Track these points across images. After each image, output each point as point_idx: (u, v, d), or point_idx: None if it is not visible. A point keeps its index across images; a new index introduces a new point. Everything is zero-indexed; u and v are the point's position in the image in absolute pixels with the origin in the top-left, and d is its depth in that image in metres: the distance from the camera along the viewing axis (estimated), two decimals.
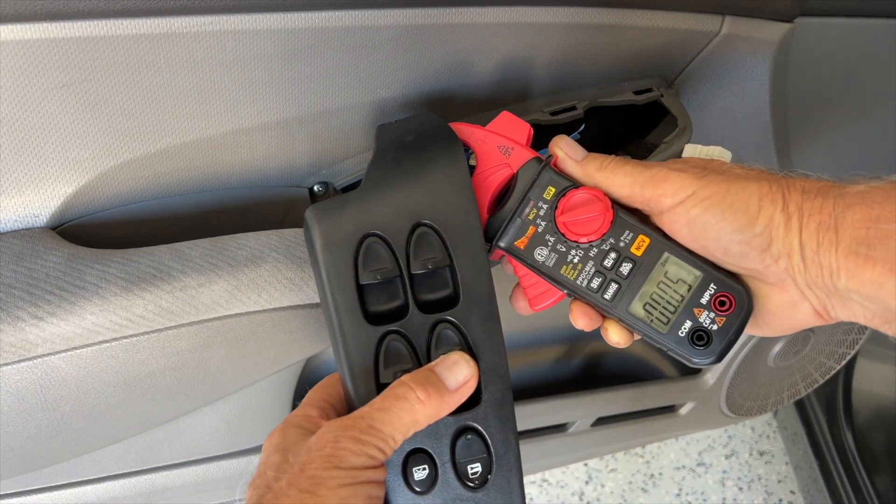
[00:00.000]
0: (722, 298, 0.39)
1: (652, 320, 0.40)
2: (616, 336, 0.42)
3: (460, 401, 0.39)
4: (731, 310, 0.39)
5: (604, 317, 0.42)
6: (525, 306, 0.44)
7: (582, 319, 0.42)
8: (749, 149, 0.66)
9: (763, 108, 0.62)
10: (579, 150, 0.43)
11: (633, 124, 0.62)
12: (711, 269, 0.40)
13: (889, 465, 1.23)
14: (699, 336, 0.40)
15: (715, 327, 0.39)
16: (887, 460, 1.24)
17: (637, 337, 0.42)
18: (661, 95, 0.59)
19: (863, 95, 0.73)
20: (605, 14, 0.51)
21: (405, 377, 0.38)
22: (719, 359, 0.40)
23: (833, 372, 1.01)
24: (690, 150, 0.46)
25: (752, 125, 0.64)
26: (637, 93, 0.58)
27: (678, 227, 0.39)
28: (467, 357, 0.40)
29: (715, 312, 0.39)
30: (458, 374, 0.39)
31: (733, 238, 0.37)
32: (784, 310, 0.39)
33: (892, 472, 1.22)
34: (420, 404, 0.37)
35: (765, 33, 0.58)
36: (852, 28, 0.65)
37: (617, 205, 0.41)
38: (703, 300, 0.40)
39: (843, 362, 1.00)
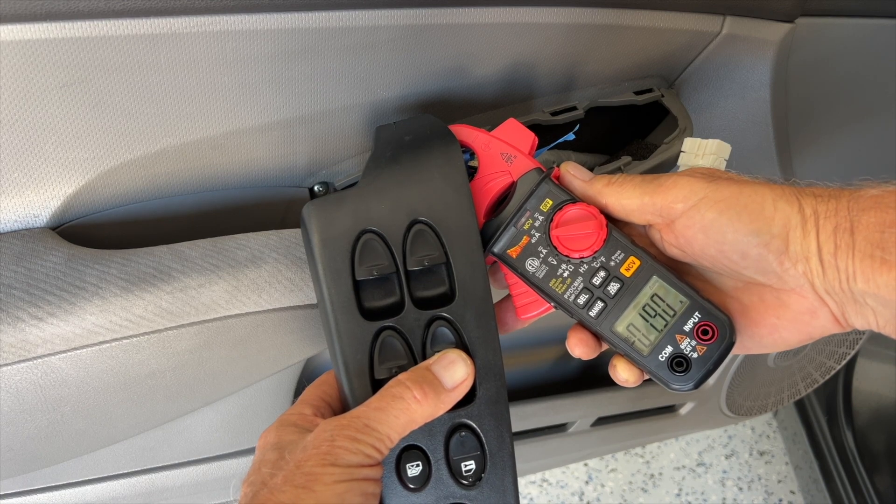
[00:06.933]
0: (705, 327, 0.40)
1: (634, 342, 0.40)
2: (625, 374, 0.42)
3: (456, 399, 0.39)
4: (712, 339, 0.39)
5: (598, 342, 0.42)
6: (512, 317, 0.44)
7: (579, 348, 0.42)
8: (750, 148, 0.66)
9: (764, 108, 0.62)
10: (587, 173, 0.43)
11: (633, 124, 0.62)
12: (698, 297, 0.40)
13: (889, 465, 1.23)
14: (679, 362, 0.40)
15: (695, 355, 0.40)
16: (887, 460, 1.24)
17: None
18: (662, 96, 0.59)
19: (863, 95, 0.73)
20: (606, 14, 0.51)
21: (402, 376, 0.39)
22: (696, 386, 0.40)
23: (833, 372, 1.01)
24: (690, 144, 0.45)
25: (752, 125, 0.64)
26: (638, 93, 0.58)
27: (693, 232, 0.38)
28: (464, 356, 0.40)
29: (697, 341, 0.40)
30: (455, 372, 0.39)
31: (751, 240, 0.37)
32: (803, 317, 0.39)
33: (892, 472, 1.22)
34: (416, 403, 0.38)
35: (766, 34, 0.58)
36: (853, 28, 0.65)
37: (614, 224, 0.41)
38: (687, 327, 0.40)
39: (843, 362, 1.00)
